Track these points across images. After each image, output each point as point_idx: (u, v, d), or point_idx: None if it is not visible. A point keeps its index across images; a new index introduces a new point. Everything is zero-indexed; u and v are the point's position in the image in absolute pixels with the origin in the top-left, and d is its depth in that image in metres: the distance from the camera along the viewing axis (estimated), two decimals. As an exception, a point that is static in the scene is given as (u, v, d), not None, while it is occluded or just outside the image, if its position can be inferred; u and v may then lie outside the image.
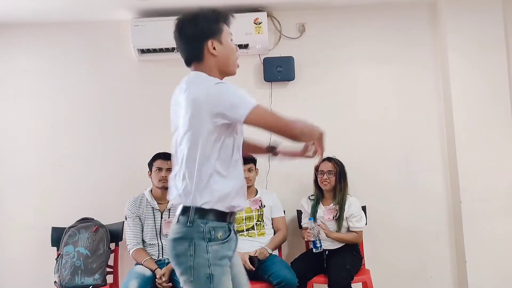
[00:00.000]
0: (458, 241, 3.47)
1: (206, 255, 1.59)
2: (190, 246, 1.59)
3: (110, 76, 3.61)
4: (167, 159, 3.02)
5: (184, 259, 1.60)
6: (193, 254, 1.59)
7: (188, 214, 1.62)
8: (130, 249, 3.05)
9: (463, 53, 3.46)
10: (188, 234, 1.61)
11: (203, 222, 1.61)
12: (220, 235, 1.63)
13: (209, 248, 1.60)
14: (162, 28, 3.35)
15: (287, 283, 2.81)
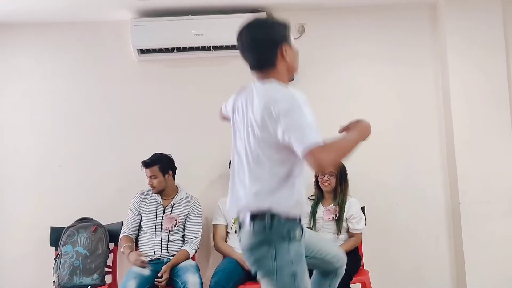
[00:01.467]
0: (457, 242, 3.47)
1: (289, 256, 1.63)
2: (270, 249, 1.63)
3: (110, 76, 3.61)
4: (147, 167, 3.11)
5: (266, 262, 1.64)
6: (275, 256, 1.62)
7: (264, 219, 1.64)
8: (120, 235, 3.14)
9: (462, 54, 3.46)
10: (267, 238, 1.64)
11: (281, 225, 1.64)
12: (298, 234, 1.67)
13: (290, 248, 1.64)
14: (162, 28, 3.37)
15: (286, 284, 2.81)
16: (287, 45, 1.74)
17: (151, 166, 3.10)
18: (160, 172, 3.12)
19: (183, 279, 2.84)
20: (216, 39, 3.40)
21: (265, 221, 1.63)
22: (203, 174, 3.56)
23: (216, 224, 3.27)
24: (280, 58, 1.73)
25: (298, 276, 1.63)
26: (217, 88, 3.61)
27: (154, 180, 3.10)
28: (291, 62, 1.76)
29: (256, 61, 1.76)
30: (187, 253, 3.08)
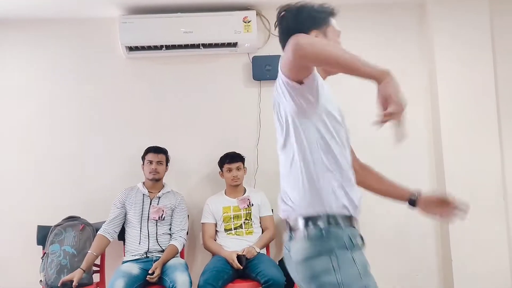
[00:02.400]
0: (444, 240, 3.51)
1: (354, 265, 1.35)
2: (331, 260, 1.34)
3: (98, 74, 3.58)
4: (158, 153, 3.21)
5: (327, 278, 1.33)
6: (338, 268, 1.33)
7: (319, 223, 1.38)
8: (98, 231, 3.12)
9: (450, 53, 3.49)
10: (325, 247, 1.36)
11: (338, 230, 1.38)
12: (360, 242, 1.43)
13: (355, 255, 1.36)
14: (151, 26, 3.35)
15: (275, 282, 2.82)
16: (320, 32, 1.57)
17: (161, 153, 3.23)
18: (165, 161, 3.26)
19: (172, 278, 2.84)
20: (205, 36, 3.39)
21: (320, 225, 1.38)
22: (192, 172, 3.55)
23: (205, 222, 3.27)
24: None
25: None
26: (206, 86, 3.61)
27: (159, 166, 3.20)
28: None
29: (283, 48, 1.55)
30: (176, 248, 3.08)
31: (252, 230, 3.22)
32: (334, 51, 1.29)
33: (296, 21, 1.54)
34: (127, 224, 3.16)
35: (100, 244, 3.04)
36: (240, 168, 3.28)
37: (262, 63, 3.52)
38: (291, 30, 1.45)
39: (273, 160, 3.67)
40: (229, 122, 3.59)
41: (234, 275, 3.00)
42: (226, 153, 3.32)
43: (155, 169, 3.18)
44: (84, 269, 2.91)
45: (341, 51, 1.31)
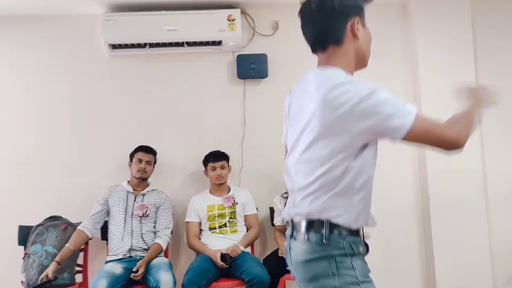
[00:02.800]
0: (427, 237, 3.55)
1: (353, 272, 1.36)
2: (331, 265, 1.36)
3: (81, 72, 3.54)
4: (148, 153, 3.24)
5: (325, 282, 1.35)
6: (336, 273, 1.35)
7: (321, 229, 1.37)
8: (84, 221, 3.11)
9: (432, 52, 3.53)
10: (326, 252, 1.37)
11: (341, 237, 1.38)
12: (362, 250, 1.43)
13: (354, 263, 1.38)
14: (134, 23, 3.33)
15: (259, 280, 2.82)
16: (360, 21, 1.44)
17: (151, 153, 3.26)
18: (153, 161, 3.28)
19: (156, 277, 2.82)
20: (190, 35, 3.37)
21: (322, 231, 1.37)
22: (177, 171, 3.54)
23: (189, 221, 3.25)
24: (350, 35, 1.42)
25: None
26: (191, 85, 3.60)
27: (148, 166, 3.22)
28: (363, 44, 1.47)
29: (319, 33, 1.44)
30: (160, 247, 3.07)
31: (237, 228, 3.22)
32: (471, 125, 1.45)
33: (340, 3, 1.40)
34: (111, 221, 3.14)
35: (78, 238, 3.02)
36: (225, 166, 3.28)
37: (246, 61, 3.52)
38: (331, 12, 1.40)
39: (258, 158, 3.72)
40: (213, 120, 3.58)
41: (218, 274, 3.00)
42: (211, 152, 3.32)
43: (144, 168, 3.18)
44: (58, 261, 2.87)
45: (470, 120, 1.48)
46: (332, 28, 1.41)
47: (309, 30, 1.47)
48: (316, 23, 1.44)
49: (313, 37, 1.46)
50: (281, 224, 3.24)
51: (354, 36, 1.43)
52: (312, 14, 1.44)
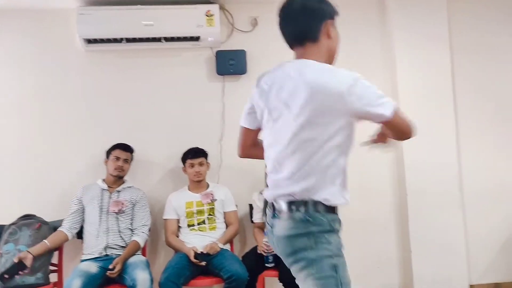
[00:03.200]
0: (404, 232, 3.59)
1: (329, 246, 1.54)
2: (309, 240, 1.53)
3: (55, 67, 3.46)
4: (126, 151, 3.20)
5: (303, 254, 1.54)
6: (314, 247, 1.53)
7: (304, 208, 1.55)
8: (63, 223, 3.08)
9: (409, 48, 3.57)
10: (307, 228, 1.54)
11: (322, 215, 1.55)
12: (338, 226, 1.60)
13: (331, 238, 1.55)
14: (110, 18, 3.27)
15: (238, 278, 2.81)
16: (331, 24, 1.65)
17: (128, 151, 3.22)
18: (130, 159, 3.24)
19: (132, 276, 2.77)
20: (167, 30, 3.33)
21: (305, 210, 1.55)
22: (154, 168, 3.49)
23: (167, 218, 3.22)
24: (324, 34, 1.63)
25: (339, 269, 1.55)
26: (169, 81, 3.56)
27: (125, 164, 3.19)
28: (334, 44, 1.66)
29: (299, 31, 1.64)
30: (138, 244, 3.04)
31: (216, 225, 3.20)
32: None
33: (319, 6, 1.63)
34: (86, 220, 3.08)
35: (55, 237, 2.98)
36: (203, 163, 3.25)
37: (225, 57, 3.50)
38: (309, 13, 1.61)
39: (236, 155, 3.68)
40: (192, 117, 3.55)
41: (196, 272, 2.98)
42: (189, 149, 3.28)
43: (121, 166, 3.15)
44: (31, 252, 2.81)
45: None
46: (310, 27, 1.61)
47: (289, 28, 1.66)
48: (296, 21, 1.63)
49: (293, 34, 1.66)
50: (260, 221, 3.23)
51: (328, 36, 1.63)
52: (294, 13, 1.63)
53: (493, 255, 3.64)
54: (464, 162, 3.64)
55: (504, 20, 3.76)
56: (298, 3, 1.63)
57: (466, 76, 3.70)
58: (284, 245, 1.58)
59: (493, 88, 3.72)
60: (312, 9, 1.62)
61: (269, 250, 2.99)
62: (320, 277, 1.52)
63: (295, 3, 1.64)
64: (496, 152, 3.68)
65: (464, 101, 3.67)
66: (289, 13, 1.65)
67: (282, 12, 1.67)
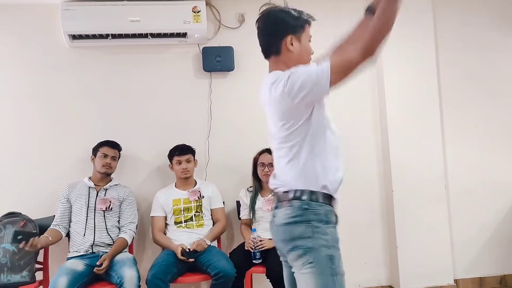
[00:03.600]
0: (390, 228, 3.62)
1: (326, 237, 1.63)
2: (308, 228, 1.62)
3: (39, 63, 3.41)
4: (114, 148, 3.17)
5: (301, 242, 1.62)
6: (312, 235, 1.62)
7: (303, 197, 1.66)
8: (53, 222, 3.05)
9: (396, 48, 3.58)
10: (305, 217, 1.64)
11: (319, 205, 1.66)
12: (334, 219, 1.71)
13: (328, 230, 1.65)
14: (95, 13, 3.23)
15: (225, 274, 2.81)
16: (295, 37, 1.78)
17: (116, 148, 3.19)
18: (118, 157, 3.21)
19: (119, 273, 2.76)
20: (153, 26, 3.30)
21: (304, 199, 1.66)
22: (141, 165, 3.47)
23: (154, 216, 3.21)
24: (285, 48, 1.78)
25: (335, 260, 1.63)
26: (155, 77, 3.53)
27: (113, 161, 3.16)
28: (298, 54, 1.79)
29: (263, 48, 1.85)
30: (125, 241, 3.02)
31: (203, 222, 3.19)
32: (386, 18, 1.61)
33: (275, 24, 1.80)
34: (73, 218, 3.05)
35: (55, 233, 2.96)
36: (190, 160, 3.24)
37: (212, 54, 3.48)
38: (269, 32, 1.80)
39: (224, 152, 3.69)
40: (179, 114, 3.53)
41: (184, 269, 2.97)
42: (176, 146, 3.27)
43: (109, 163, 3.12)
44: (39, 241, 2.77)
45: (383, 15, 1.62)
46: (271, 44, 1.81)
47: (259, 43, 1.86)
48: (261, 39, 1.84)
49: (262, 49, 1.86)
50: (247, 217, 3.24)
51: (288, 50, 1.78)
52: (259, 32, 1.85)
53: (477, 251, 3.70)
54: (449, 159, 3.68)
55: (489, 17, 3.81)
56: (260, 23, 1.83)
57: (451, 74, 3.74)
58: (283, 231, 1.67)
59: (478, 85, 3.77)
60: (271, 29, 1.80)
61: (257, 247, 3.00)
62: (317, 266, 1.60)
63: (259, 22, 1.84)
64: (481, 149, 3.74)
65: (449, 98, 3.71)
66: (257, 31, 1.85)
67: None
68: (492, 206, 3.72)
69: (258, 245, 3.01)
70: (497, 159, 3.74)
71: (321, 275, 1.59)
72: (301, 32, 1.81)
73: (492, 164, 3.74)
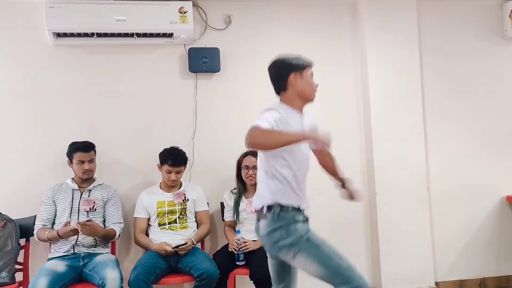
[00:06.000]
0: (373, 231, 3.65)
1: (298, 231, 2.09)
2: (283, 231, 2.08)
3: (22, 60, 3.36)
4: (87, 151, 3.06)
5: (283, 242, 2.08)
6: (287, 235, 2.08)
7: (272, 210, 2.12)
8: (34, 231, 2.97)
9: (380, 51, 3.64)
10: (277, 224, 2.10)
11: (286, 214, 2.11)
12: (301, 218, 2.14)
13: (297, 226, 2.10)
14: (80, 11, 3.20)
15: (209, 275, 2.81)
16: (298, 74, 2.21)
17: (90, 150, 3.09)
18: (94, 156, 3.12)
19: (101, 274, 2.72)
20: (140, 26, 3.28)
21: (273, 211, 2.12)
22: (126, 166, 3.43)
23: (137, 217, 3.18)
24: (290, 85, 2.21)
25: (311, 238, 2.09)
26: (141, 77, 3.51)
27: (91, 164, 3.08)
28: (301, 89, 2.21)
29: (274, 87, 2.28)
30: (114, 232, 3.02)
31: (187, 225, 3.18)
32: (276, 138, 1.95)
33: (279, 69, 2.25)
34: (56, 220, 3.01)
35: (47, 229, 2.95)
36: (181, 171, 3.18)
37: (198, 55, 3.47)
38: (277, 77, 2.26)
39: (208, 153, 3.68)
40: (164, 114, 3.51)
41: (167, 270, 2.96)
42: (171, 152, 3.16)
43: (88, 169, 3.04)
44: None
45: (280, 135, 1.98)
46: (279, 84, 2.26)
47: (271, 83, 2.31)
48: (272, 81, 2.29)
49: (274, 88, 2.30)
50: (231, 219, 3.23)
51: (293, 86, 2.22)
52: (269, 76, 2.29)
53: (457, 254, 3.75)
54: (432, 163, 3.73)
55: (472, 23, 3.88)
56: (269, 69, 2.29)
57: (435, 78, 3.79)
58: (267, 240, 2.15)
59: (461, 89, 3.83)
60: (277, 73, 2.26)
61: (240, 248, 3.00)
62: (303, 250, 2.06)
63: (268, 69, 2.29)
64: (463, 153, 3.79)
65: (432, 104, 3.76)
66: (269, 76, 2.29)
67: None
68: (473, 210, 3.78)
69: (241, 246, 3.01)
70: (478, 163, 3.80)
71: (308, 253, 2.06)
72: (302, 70, 2.22)
73: (473, 168, 3.80)
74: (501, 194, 3.81)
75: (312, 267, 2.05)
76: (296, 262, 2.10)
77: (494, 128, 3.85)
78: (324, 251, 2.07)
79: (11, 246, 2.89)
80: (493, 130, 3.85)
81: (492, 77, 3.88)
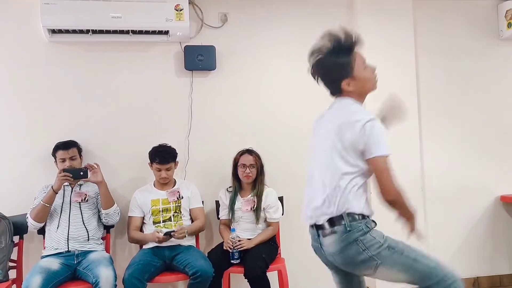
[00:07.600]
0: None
1: (375, 240, 1.87)
2: (359, 245, 1.85)
3: (17, 58, 3.34)
4: (67, 148, 3.06)
5: (361, 257, 1.85)
6: (365, 248, 1.85)
7: (342, 221, 1.88)
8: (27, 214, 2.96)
9: (376, 51, 3.62)
10: (351, 237, 1.86)
11: (358, 222, 1.88)
12: (373, 225, 1.94)
13: (373, 235, 1.88)
14: (76, 8, 3.18)
15: (203, 273, 2.80)
16: (350, 79, 1.99)
17: (71, 147, 3.07)
18: (78, 154, 3.11)
19: (95, 273, 2.71)
20: (135, 23, 3.26)
21: (345, 222, 1.87)
22: (120, 164, 3.42)
23: (132, 216, 3.17)
24: (345, 89, 2.01)
25: (392, 245, 1.89)
26: (136, 75, 3.50)
27: (74, 161, 3.05)
28: (360, 89, 2.04)
29: (328, 90, 2.10)
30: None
31: (182, 222, 3.17)
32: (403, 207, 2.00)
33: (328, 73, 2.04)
34: (48, 217, 2.99)
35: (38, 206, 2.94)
36: (170, 168, 3.17)
37: (194, 52, 3.46)
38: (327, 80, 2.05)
39: (204, 151, 3.67)
40: (159, 112, 3.50)
41: (161, 268, 2.96)
42: (157, 150, 3.15)
43: (69, 166, 3.02)
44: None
45: (405, 204, 2.02)
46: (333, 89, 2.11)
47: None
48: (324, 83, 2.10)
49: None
50: (226, 218, 3.23)
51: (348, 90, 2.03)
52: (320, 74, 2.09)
53: (451, 253, 3.77)
54: (427, 162, 3.74)
55: (467, 23, 3.89)
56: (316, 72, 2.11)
57: (430, 78, 3.81)
58: (342, 258, 1.91)
59: (456, 90, 3.85)
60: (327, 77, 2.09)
61: (235, 247, 3.00)
62: (388, 261, 1.85)
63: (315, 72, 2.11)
64: (457, 152, 3.81)
65: (428, 102, 3.77)
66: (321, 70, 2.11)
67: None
68: (467, 210, 3.80)
69: (236, 245, 3.01)
70: (473, 163, 3.82)
71: (395, 262, 1.87)
72: (352, 70, 1.99)
73: (468, 168, 3.82)
74: (495, 194, 3.84)
75: (398, 275, 1.88)
76: (378, 274, 1.89)
77: (488, 128, 3.87)
78: (410, 255, 1.89)
79: (4, 244, 2.88)
80: (487, 130, 3.87)
81: (487, 77, 3.90)
